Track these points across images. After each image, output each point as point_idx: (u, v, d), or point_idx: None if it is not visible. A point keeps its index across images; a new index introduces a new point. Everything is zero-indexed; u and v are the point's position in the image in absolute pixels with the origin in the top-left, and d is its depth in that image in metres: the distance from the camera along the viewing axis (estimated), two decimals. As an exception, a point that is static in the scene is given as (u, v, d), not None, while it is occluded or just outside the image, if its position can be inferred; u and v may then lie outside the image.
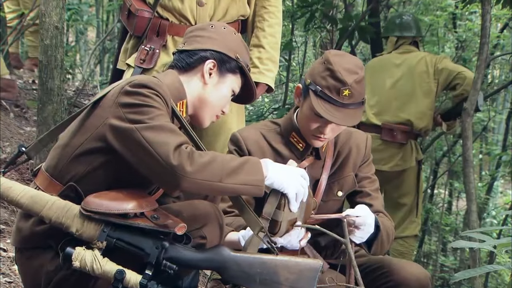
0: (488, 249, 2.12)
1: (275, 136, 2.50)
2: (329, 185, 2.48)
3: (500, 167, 8.73)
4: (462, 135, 4.29)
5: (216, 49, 2.24)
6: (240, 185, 1.94)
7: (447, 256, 9.18)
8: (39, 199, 1.95)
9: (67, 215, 1.93)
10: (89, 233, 1.92)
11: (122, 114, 1.96)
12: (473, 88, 4.13)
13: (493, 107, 9.13)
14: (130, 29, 2.99)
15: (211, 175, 1.89)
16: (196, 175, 1.87)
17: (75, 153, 2.02)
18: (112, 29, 8.32)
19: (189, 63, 2.23)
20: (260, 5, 3.07)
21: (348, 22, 5.76)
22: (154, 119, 1.94)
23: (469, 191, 4.13)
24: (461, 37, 7.92)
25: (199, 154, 1.91)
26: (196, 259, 1.97)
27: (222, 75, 2.25)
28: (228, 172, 1.92)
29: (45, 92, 3.52)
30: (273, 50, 3.07)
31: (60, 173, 2.04)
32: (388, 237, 2.41)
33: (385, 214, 2.48)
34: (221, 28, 2.30)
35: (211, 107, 2.26)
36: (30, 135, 4.78)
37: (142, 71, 2.90)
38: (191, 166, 1.87)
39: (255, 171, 1.97)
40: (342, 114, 2.30)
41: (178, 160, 1.86)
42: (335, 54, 2.38)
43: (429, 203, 8.54)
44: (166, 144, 1.88)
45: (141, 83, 2.00)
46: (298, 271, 1.97)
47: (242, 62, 2.27)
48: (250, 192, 1.99)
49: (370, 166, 2.57)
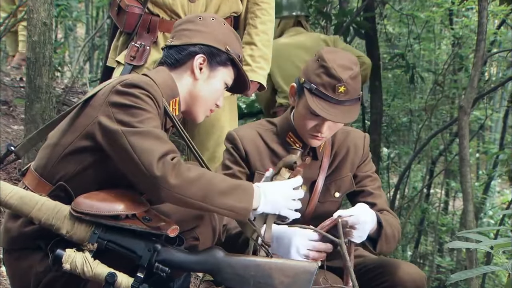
0: (485, 249, 2.13)
1: (272, 136, 2.49)
2: (326, 186, 2.48)
3: (497, 166, 8.78)
4: (459, 134, 4.30)
5: (205, 42, 2.22)
6: (223, 209, 1.93)
7: (443, 256, 9.22)
8: (28, 199, 1.93)
9: (57, 216, 1.92)
10: (80, 234, 1.92)
11: (111, 114, 1.95)
12: (470, 85, 4.14)
13: (490, 105, 9.17)
14: (120, 25, 2.98)
15: (195, 193, 1.88)
16: (179, 189, 1.86)
17: (65, 152, 2.01)
18: (102, 26, 8.30)
19: (178, 59, 2.22)
20: (252, 2, 3.07)
21: (343, 18, 5.76)
22: (143, 123, 1.93)
23: (465, 191, 4.14)
24: (457, 34, 7.95)
25: (187, 168, 1.89)
26: (189, 262, 1.96)
27: (212, 69, 2.23)
28: (214, 194, 1.90)
29: (33, 89, 3.50)
30: (266, 47, 3.07)
31: (50, 173, 2.03)
32: (394, 234, 2.39)
33: (389, 212, 2.47)
34: (210, 20, 2.28)
35: (203, 102, 2.25)
36: (18, 134, 4.77)
37: (132, 68, 2.89)
38: (176, 179, 1.85)
39: (244, 199, 1.95)
40: (338, 111, 2.30)
41: (161, 171, 1.85)
42: (329, 51, 2.38)
43: (425, 203, 8.58)
44: (150, 152, 1.87)
45: (133, 83, 1.99)
46: (293, 274, 1.96)
47: (233, 54, 2.25)
48: (233, 217, 1.99)
49: (369, 165, 2.56)
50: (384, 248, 2.38)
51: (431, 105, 7.94)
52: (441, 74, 7.92)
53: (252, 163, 2.44)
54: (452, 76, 8.15)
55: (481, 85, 7.58)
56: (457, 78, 8.12)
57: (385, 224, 2.35)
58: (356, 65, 2.34)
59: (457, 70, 7.94)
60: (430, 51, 8.53)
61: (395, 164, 9.37)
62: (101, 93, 2.02)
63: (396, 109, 8.42)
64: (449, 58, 8.01)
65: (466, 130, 4.17)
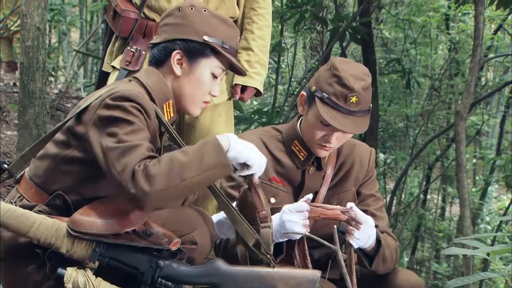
0: (482, 256, 2.13)
1: (276, 144, 2.48)
2: (327, 198, 2.45)
3: (494, 171, 8.79)
4: (455, 139, 4.32)
5: (181, 37, 2.19)
6: (205, 173, 1.91)
7: (440, 263, 9.23)
8: (25, 218, 1.93)
9: (56, 235, 1.92)
10: (80, 253, 1.92)
11: (100, 128, 1.96)
12: (467, 91, 4.15)
13: (487, 111, 9.20)
14: (115, 30, 2.99)
15: (171, 179, 1.87)
16: (156, 187, 1.85)
17: (60, 162, 2.03)
18: (96, 30, 8.29)
19: (159, 58, 2.21)
20: (249, 7, 3.07)
21: (339, 23, 5.78)
22: (128, 135, 1.92)
23: (462, 197, 4.15)
24: (454, 39, 7.98)
25: (154, 163, 1.87)
26: (191, 275, 1.97)
27: (193, 63, 2.20)
28: (187, 167, 1.89)
29: (27, 95, 3.50)
30: (262, 53, 3.07)
31: (46, 182, 2.04)
32: (392, 255, 2.38)
33: (389, 234, 2.46)
34: (188, 10, 2.22)
35: (190, 97, 2.23)
36: (11, 139, 4.76)
37: (128, 73, 2.89)
38: (149, 185, 1.84)
39: (215, 152, 1.94)
40: (349, 121, 2.29)
41: (135, 187, 1.84)
42: (342, 61, 2.38)
43: (421, 209, 8.59)
44: (126, 170, 1.86)
45: (122, 96, 1.98)
46: (296, 284, 1.98)
47: (213, 42, 2.20)
48: (218, 175, 1.97)
49: (374, 183, 2.55)
50: (381, 268, 2.35)
51: (427, 110, 7.96)
52: (437, 79, 7.95)
53: None
54: (449, 81, 8.18)
55: (478, 90, 7.62)
56: (453, 83, 8.15)
57: (384, 244, 2.33)
58: (369, 76, 2.34)
59: (453, 75, 7.96)
60: (427, 56, 8.55)
61: (391, 170, 9.39)
62: (92, 105, 2.02)
63: (393, 114, 8.44)
64: (446, 63, 8.03)
65: (462, 135, 4.19)
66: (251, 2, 3.06)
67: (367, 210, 2.44)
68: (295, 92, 7.08)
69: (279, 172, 2.44)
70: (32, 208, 2.01)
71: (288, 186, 2.45)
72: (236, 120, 4.49)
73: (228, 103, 3.11)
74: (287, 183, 2.45)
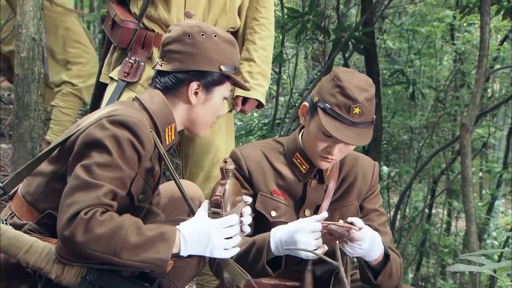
0: (489, 273, 2.14)
1: (278, 156, 2.48)
2: (330, 212, 2.44)
3: (501, 185, 8.79)
4: (461, 152, 4.32)
5: (197, 68, 2.21)
6: (136, 263, 1.91)
7: (446, 279, 9.19)
8: (15, 240, 1.93)
9: (46, 259, 1.92)
10: (70, 280, 1.93)
11: (83, 150, 1.97)
12: (472, 102, 4.16)
13: (493, 123, 9.20)
14: (114, 40, 2.99)
15: (107, 248, 1.86)
16: (88, 245, 1.85)
17: (52, 181, 2.05)
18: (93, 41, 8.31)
19: (170, 86, 2.22)
20: (251, 17, 3.07)
21: (341, 33, 5.80)
22: (99, 168, 1.92)
23: (468, 211, 4.15)
24: (459, 50, 8.00)
25: (102, 221, 1.86)
26: None
27: (209, 91, 2.24)
28: (126, 249, 1.88)
29: (22, 107, 3.50)
30: (264, 64, 3.07)
31: (37, 201, 2.05)
32: (398, 271, 2.38)
33: (393, 250, 2.44)
34: (199, 37, 2.23)
35: (204, 123, 2.29)
36: (5, 152, 4.76)
37: (126, 85, 2.90)
38: (84, 239, 1.84)
39: (163, 249, 1.92)
40: (352, 133, 2.30)
41: (69, 231, 1.84)
42: (345, 71, 2.39)
43: (426, 223, 8.57)
44: (71, 207, 1.86)
45: (121, 121, 2.00)
46: None
47: (229, 70, 2.25)
48: (150, 269, 1.97)
49: (377, 197, 2.56)
50: (386, 283, 2.35)
51: (432, 123, 7.96)
52: (442, 91, 7.96)
53: (256, 184, 2.44)
54: (454, 92, 8.20)
55: (484, 102, 7.63)
56: (459, 95, 8.16)
57: (392, 259, 2.33)
58: (372, 87, 2.34)
59: (459, 86, 7.98)
60: (431, 67, 8.57)
61: (395, 183, 9.38)
62: (88, 122, 2.04)
63: (396, 126, 8.44)
64: (451, 74, 8.05)
65: (468, 148, 4.19)
66: (253, 12, 3.07)
67: (370, 225, 2.43)
68: (297, 103, 7.10)
69: (280, 185, 2.44)
70: (22, 227, 2.02)
71: (289, 199, 2.46)
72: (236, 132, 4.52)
73: (229, 115, 3.11)
74: (288, 196, 2.46)
